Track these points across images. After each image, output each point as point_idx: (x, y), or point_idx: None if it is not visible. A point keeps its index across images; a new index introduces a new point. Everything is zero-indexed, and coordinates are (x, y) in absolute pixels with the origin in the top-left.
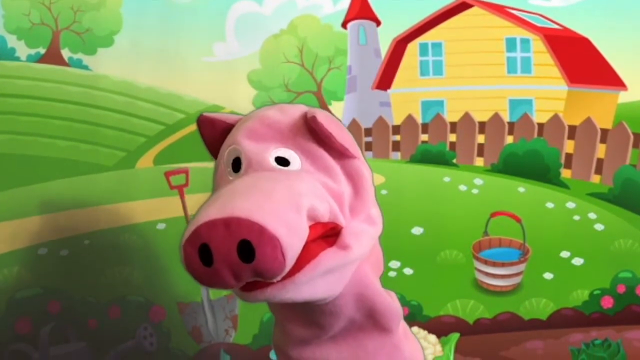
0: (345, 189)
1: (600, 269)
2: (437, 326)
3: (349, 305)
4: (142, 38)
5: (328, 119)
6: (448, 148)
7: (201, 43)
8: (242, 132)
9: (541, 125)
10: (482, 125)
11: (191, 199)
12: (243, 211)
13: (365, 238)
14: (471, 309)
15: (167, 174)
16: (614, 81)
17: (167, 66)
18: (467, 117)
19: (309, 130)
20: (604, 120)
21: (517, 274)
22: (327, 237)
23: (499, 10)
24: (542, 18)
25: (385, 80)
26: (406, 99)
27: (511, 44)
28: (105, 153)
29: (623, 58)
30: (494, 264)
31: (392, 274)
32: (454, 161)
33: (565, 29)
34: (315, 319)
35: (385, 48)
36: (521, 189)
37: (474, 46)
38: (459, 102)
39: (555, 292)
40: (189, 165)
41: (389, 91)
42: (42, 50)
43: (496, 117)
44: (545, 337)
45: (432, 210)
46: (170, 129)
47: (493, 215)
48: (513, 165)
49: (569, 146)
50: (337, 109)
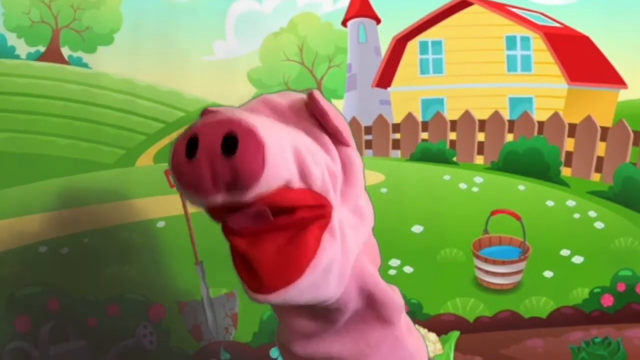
0: (339, 173)
1: (600, 267)
2: (437, 324)
3: (353, 299)
4: (142, 36)
5: (325, 100)
6: (448, 146)
7: (201, 41)
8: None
9: (541, 123)
10: (482, 123)
11: None
12: (240, 115)
13: (350, 227)
14: (471, 307)
15: (167, 172)
16: (614, 79)
17: (167, 64)
18: (467, 115)
19: (310, 112)
20: (604, 118)
21: (517, 272)
22: (318, 220)
23: (499, 8)
24: (542, 16)
25: (385, 78)
26: (406, 97)
27: (511, 42)
28: (105, 151)
29: (623, 56)
30: (494, 262)
31: (392, 272)
32: (454, 159)
33: (565, 27)
34: (320, 315)
35: (385, 46)
36: (521, 187)
37: (474, 44)
38: (459, 100)
39: (555, 291)
40: None
41: (389, 89)
42: (42, 48)
43: (496, 115)
44: (545, 336)
45: (432, 208)
46: (170, 127)
47: (493, 213)
48: (513, 163)
49: (569, 144)
50: (337, 107)
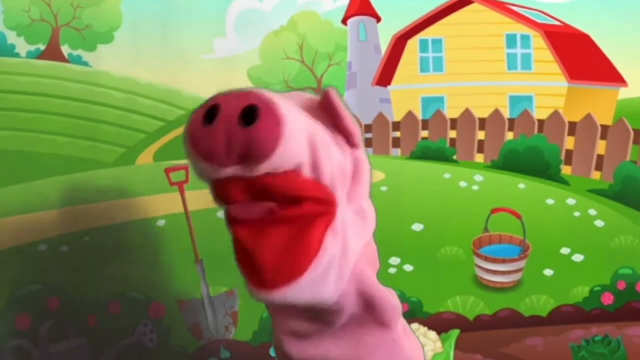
0: (349, 172)
1: (600, 266)
2: (437, 322)
3: (351, 302)
4: (142, 34)
5: (340, 100)
6: (448, 144)
7: (201, 39)
8: None
9: (541, 121)
10: (482, 121)
11: (191, 196)
12: (262, 91)
13: (353, 228)
14: (471, 306)
15: (167, 170)
16: (614, 77)
17: (167, 62)
18: (467, 114)
19: (322, 111)
20: (604, 116)
21: (517, 271)
22: (323, 216)
23: (499, 6)
24: (543, 14)
25: (385, 76)
26: (406, 95)
27: (511, 40)
28: (105, 149)
29: (623, 54)
30: (494, 261)
31: (392, 271)
32: (454, 157)
33: (565, 25)
34: (317, 317)
35: (385, 44)
36: (521, 186)
37: (474, 42)
38: (459, 99)
39: (555, 289)
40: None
41: (389, 87)
42: (42, 46)
43: (496, 114)
44: (545, 334)
45: (432, 206)
46: (170, 125)
47: (493, 211)
48: (513, 161)
49: (569, 142)
50: None
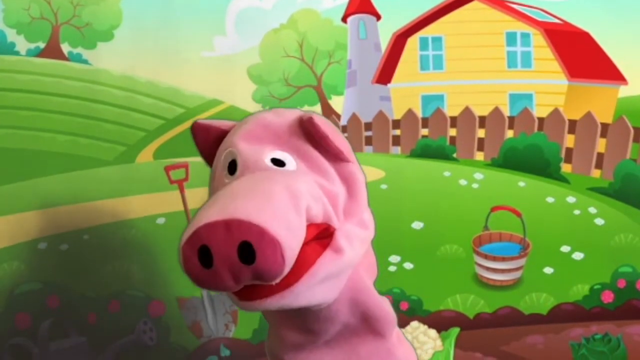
0: (339, 191)
1: (600, 264)
2: (437, 321)
3: (344, 310)
4: (142, 32)
5: (324, 121)
6: (448, 142)
7: (201, 37)
8: (239, 135)
9: (541, 119)
10: (483, 119)
11: (191, 194)
12: (243, 213)
13: (357, 241)
14: (471, 304)
15: (167, 169)
16: (614, 75)
17: (167, 60)
18: (467, 112)
19: (305, 132)
20: (605, 114)
21: (518, 269)
22: (321, 239)
23: (499, 4)
24: (543, 12)
25: (385, 74)
26: (406, 93)
27: (511, 38)
28: (105, 147)
29: (623, 52)
30: (494, 259)
31: (392, 269)
32: (454, 156)
33: (565, 24)
34: (310, 325)
35: (385, 42)
36: (521, 184)
37: (474, 40)
38: (459, 97)
39: (555, 287)
40: (189, 159)
41: (389, 85)
42: (42, 44)
43: (496, 112)
44: (545, 332)
45: (433, 204)
46: (170, 124)
47: (493, 209)
48: (513, 159)
49: (569, 140)
50: (337, 103)
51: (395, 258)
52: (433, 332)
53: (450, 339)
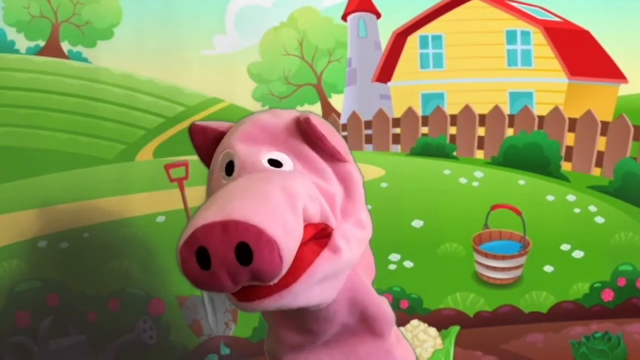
0: (337, 191)
1: (600, 262)
2: (438, 319)
3: (343, 310)
4: (142, 30)
5: (320, 122)
6: (448, 141)
7: (201, 36)
8: (236, 136)
9: (541, 117)
10: (483, 117)
11: (191, 192)
12: (240, 214)
13: (355, 241)
14: (471, 302)
15: (167, 167)
16: (615, 74)
17: (167, 59)
18: (468, 110)
19: (301, 132)
20: (605, 112)
21: (518, 267)
22: (318, 239)
23: (500, 2)
24: (543, 10)
25: (385, 72)
26: (406, 92)
27: (511, 37)
28: (105, 146)
29: (623, 50)
30: (495, 257)
31: (393, 267)
32: (454, 154)
33: (565, 22)
34: (308, 325)
35: (385, 40)
36: (521, 182)
37: (475, 39)
38: (459, 95)
39: (555, 285)
40: (189, 157)
41: (389, 84)
42: (42, 42)
43: (496, 110)
44: (545, 330)
45: (433, 203)
46: (170, 122)
47: (493, 208)
48: (513, 158)
49: (570, 139)
50: (337, 102)
51: (395, 256)
52: (433, 331)
53: (450, 338)
